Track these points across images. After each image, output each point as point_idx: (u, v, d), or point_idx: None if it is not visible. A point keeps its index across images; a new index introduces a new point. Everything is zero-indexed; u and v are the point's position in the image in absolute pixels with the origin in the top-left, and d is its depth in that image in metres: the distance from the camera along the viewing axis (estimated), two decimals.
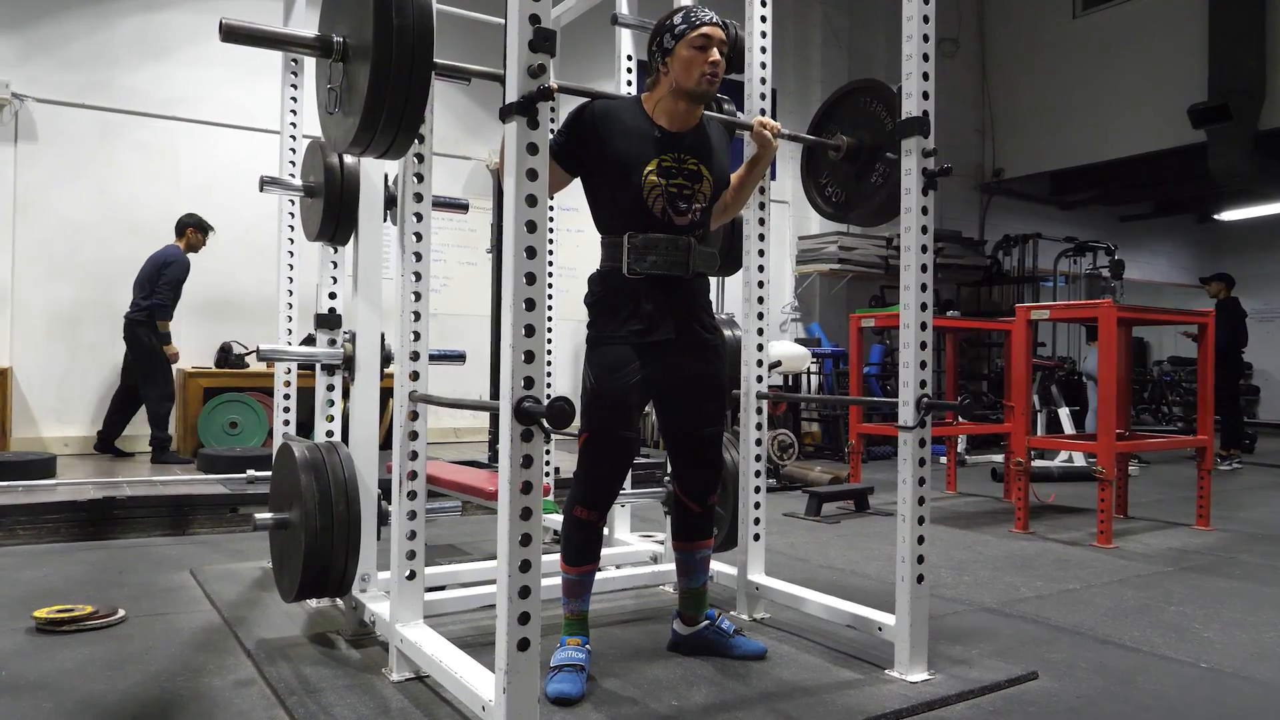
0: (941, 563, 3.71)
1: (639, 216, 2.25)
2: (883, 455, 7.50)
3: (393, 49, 1.71)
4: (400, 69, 1.72)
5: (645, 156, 2.25)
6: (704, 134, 2.36)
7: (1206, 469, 4.66)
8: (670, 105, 2.28)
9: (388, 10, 1.70)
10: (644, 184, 2.23)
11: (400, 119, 1.78)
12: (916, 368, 2.28)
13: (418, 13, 1.73)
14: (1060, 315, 5.21)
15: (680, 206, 2.28)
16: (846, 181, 2.80)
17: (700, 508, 2.41)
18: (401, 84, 1.74)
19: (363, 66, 1.76)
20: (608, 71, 3.55)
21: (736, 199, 2.56)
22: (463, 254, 7.27)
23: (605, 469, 2.24)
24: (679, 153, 2.29)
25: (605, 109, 2.28)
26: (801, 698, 2.14)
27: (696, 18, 2.24)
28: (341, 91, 1.87)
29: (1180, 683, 2.35)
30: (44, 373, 5.87)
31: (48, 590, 3.05)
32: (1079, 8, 10.43)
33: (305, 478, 2.37)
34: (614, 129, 2.24)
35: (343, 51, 1.86)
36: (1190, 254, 14.25)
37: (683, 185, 2.28)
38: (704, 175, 2.32)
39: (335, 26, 1.91)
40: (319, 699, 2.07)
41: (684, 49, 2.22)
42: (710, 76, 2.23)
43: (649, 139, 2.26)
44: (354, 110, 1.80)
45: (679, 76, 2.24)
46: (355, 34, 1.82)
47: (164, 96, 6.23)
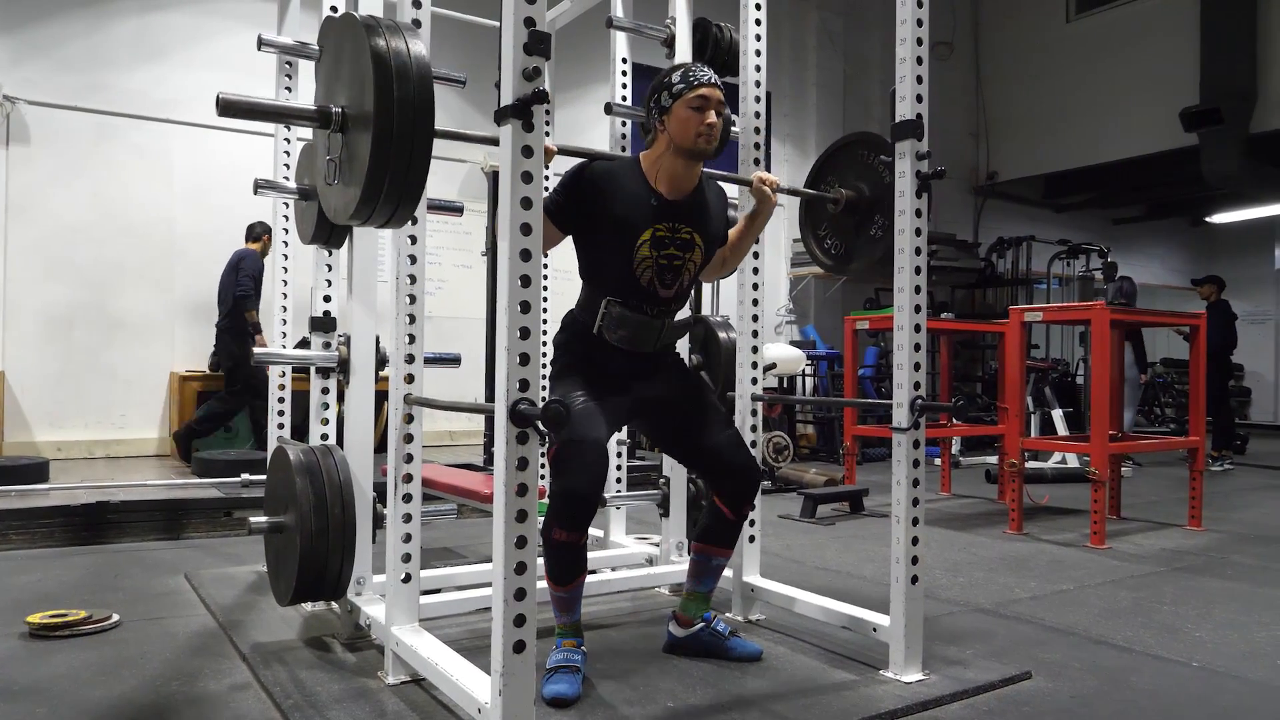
0: (936, 564, 3.72)
1: (624, 285, 2.27)
2: (877, 457, 7.52)
3: (394, 120, 1.66)
4: (402, 140, 1.67)
5: (640, 226, 2.25)
6: (701, 197, 2.36)
7: (1199, 470, 4.68)
8: (669, 165, 2.28)
9: (388, 81, 1.65)
10: (635, 255, 2.25)
11: (402, 191, 1.73)
12: (911, 369, 2.29)
13: (419, 82, 1.68)
14: (1053, 317, 5.24)
15: (667, 279, 2.31)
16: (845, 234, 2.78)
17: (735, 516, 2.39)
18: (403, 156, 1.68)
19: (363, 137, 1.71)
20: (603, 75, 3.55)
21: (734, 254, 2.57)
22: (458, 257, 7.27)
23: (580, 479, 2.10)
24: (674, 221, 2.29)
25: (604, 172, 2.26)
26: (797, 699, 2.15)
27: (694, 77, 2.23)
28: (341, 162, 1.82)
29: (1173, 682, 2.36)
30: (37, 376, 5.85)
31: (41, 595, 3.04)
32: (1072, 12, 10.48)
33: (300, 481, 2.37)
34: (611, 194, 2.24)
35: (342, 122, 1.80)
36: (1183, 256, 14.31)
37: (674, 256, 2.30)
38: (696, 244, 2.33)
39: (334, 95, 1.85)
40: (314, 703, 2.07)
41: (681, 108, 2.22)
42: (707, 137, 2.23)
43: (645, 207, 2.26)
44: (354, 182, 1.75)
45: (676, 136, 2.24)
46: (354, 104, 1.76)
47: (159, 99, 6.22)
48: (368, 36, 1.67)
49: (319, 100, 1.91)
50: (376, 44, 1.66)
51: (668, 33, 3.10)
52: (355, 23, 1.73)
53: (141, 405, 6.18)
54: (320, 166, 1.93)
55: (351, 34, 1.75)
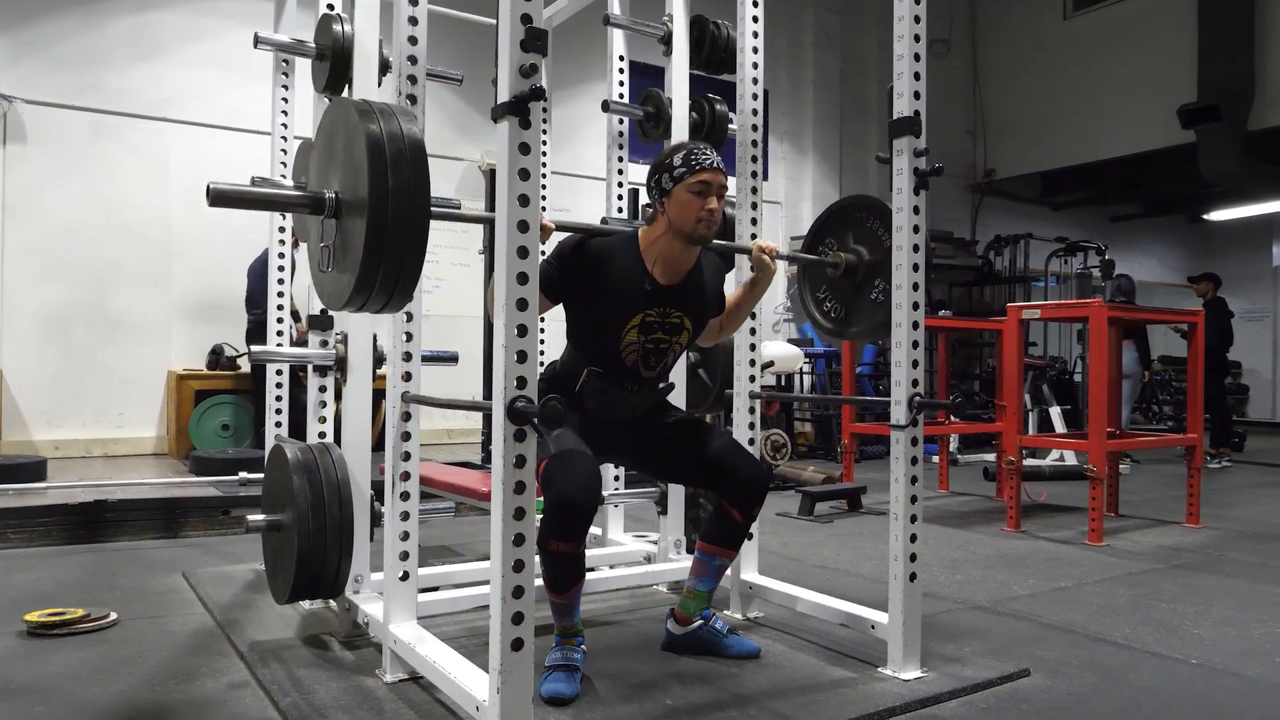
0: (934, 561, 3.72)
1: (608, 362, 2.28)
2: (875, 455, 7.52)
3: (389, 209, 1.62)
4: (397, 229, 1.63)
5: (630, 311, 2.25)
6: (697, 279, 2.35)
7: (1196, 467, 4.68)
8: (667, 247, 2.26)
9: (382, 167, 1.62)
10: (622, 339, 2.26)
11: (397, 279, 1.69)
12: (909, 367, 2.29)
13: (414, 168, 1.65)
14: (1051, 315, 5.23)
15: (651, 361, 2.32)
16: (845, 297, 2.77)
17: (744, 518, 2.38)
18: (398, 245, 1.65)
19: (357, 224, 1.67)
20: (600, 72, 3.55)
21: (731, 321, 2.57)
22: (455, 255, 7.26)
23: (572, 486, 2.05)
24: (666, 306, 2.29)
25: (600, 252, 2.25)
26: (795, 696, 2.15)
27: (696, 161, 2.21)
28: (335, 249, 1.78)
29: (1171, 679, 2.37)
30: (35, 375, 5.85)
31: (39, 594, 3.04)
32: (1070, 9, 10.48)
33: (298, 479, 2.37)
34: (605, 276, 2.23)
35: (335, 208, 1.77)
36: (1180, 254, 14.32)
37: (660, 340, 2.31)
38: (685, 328, 2.35)
39: (328, 180, 1.82)
40: (312, 700, 2.07)
41: (682, 193, 2.20)
42: (708, 222, 2.22)
43: (639, 291, 2.25)
44: (348, 269, 1.71)
45: (676, 219, 2.23)
46: (348, 190, 1.73)
47: (155, 98, 6.21)
48: (361, 121, 1.65)
49: (313, 185, 1.88)
50: (370, 129, 1.64)
51: (665, 30, 3.10)
52: (349, 107, 1.71)
53: (139, 404, 6.17)
54: (314, 252, 1.89)
55: (344, 118, 1.72)
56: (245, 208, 1.85)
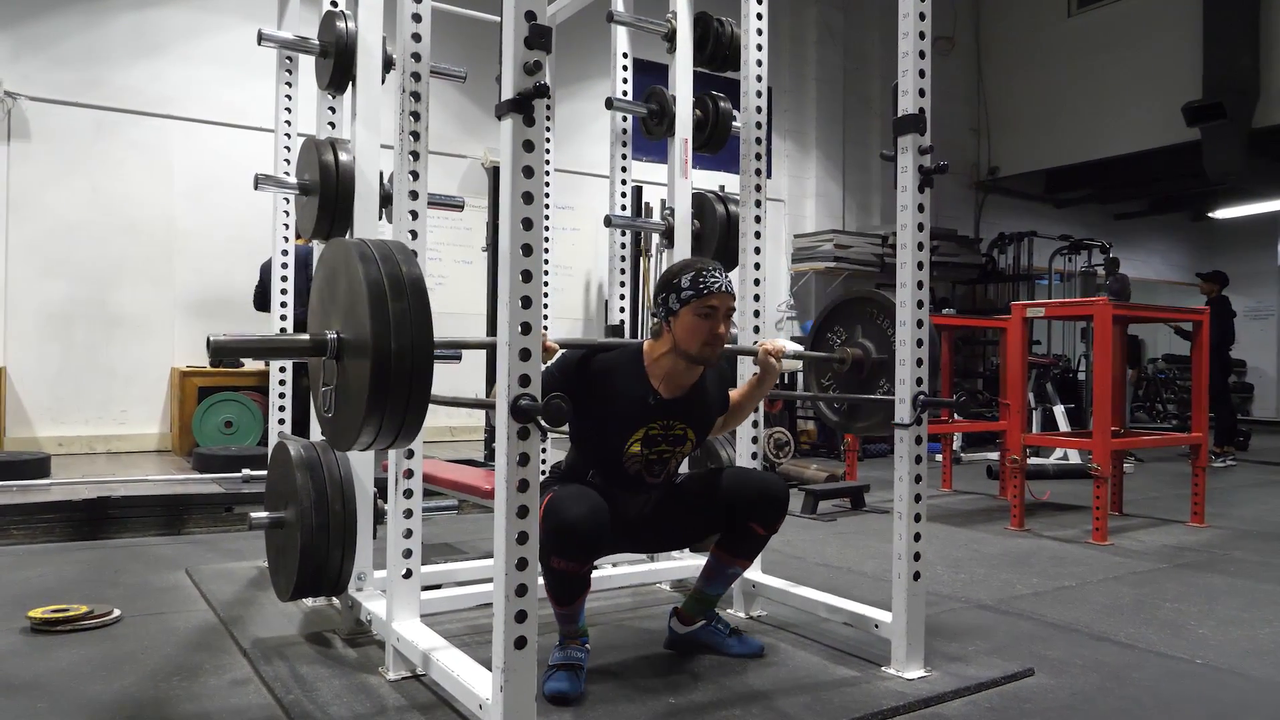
0: (937, 560, 3.72)
1: (611, 471, 2.28)
2: (878, 453, 7.51)
3: (391, 355, 1.61)
4: (400, 373, 1.62)
5: (633, 426, 2.25)
6: (700, 388, 2.35)
7: (1201, 466, 4.67)
8: (671, 364, 2.26)
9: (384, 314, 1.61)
10: (625, 452, 2.26)
11: (403, 421, 1.69)
12: (913, 365, 2.28)
13: (415, 310, 1.64)
14: (1055, 313, 5.23)
15: (655, 470, 2.32)
16: (851, 390, 2.80)
17: (766, 531, 2.37)
18: (402, 388, 1.64)
19: (359, 364, 1.67)
20: (603, 70, 3.54)
21: (734, 417, 2.57)
22: (459, 252, 7.26)
23: (574, 511, 2.03)
24: (669, 419, 2.29)
25: (604, 369, 2.25)
26: (798, 695, 2.14)
27: (704, 284, 2.20)
28: (338, 391, 1.77)
29: (1175, 679, 2.36)
30: (38, 372, 5.85)
31: (42, 590, 3.04)
32: (1074, 6, 10.44)
33: (301, 476, 2.37)
34: (608, 394, 2.23)
35: (337, 350, 1.76)
36: (1184, 252, 14.28)
37: (664, 451, 2.31)
38: (689, 439, 2.35)
39: (329, 321, 1.81)
40: (315, 698, 2.07)
41: (689, 315, 2.20)
42: (713, 346, 2.22)
43: (642, 406, 2.25)
44: (353, 409, 1.70)
45: (681, 340, 2.22)
46: (350, 332, 1.72)
47: (158, 94, 6.21)
48: (362, 265, 1.64)
49: (314, 328, 1.87)
50: (370, 271, 1.63)
51: (668, 27, 3.09)
52: (350, 250, 1.70)
53: (142, 401, 6.17)
54: (318, 394, 1.88)
55: (345, 261, 1.71)
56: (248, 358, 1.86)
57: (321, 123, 2.92)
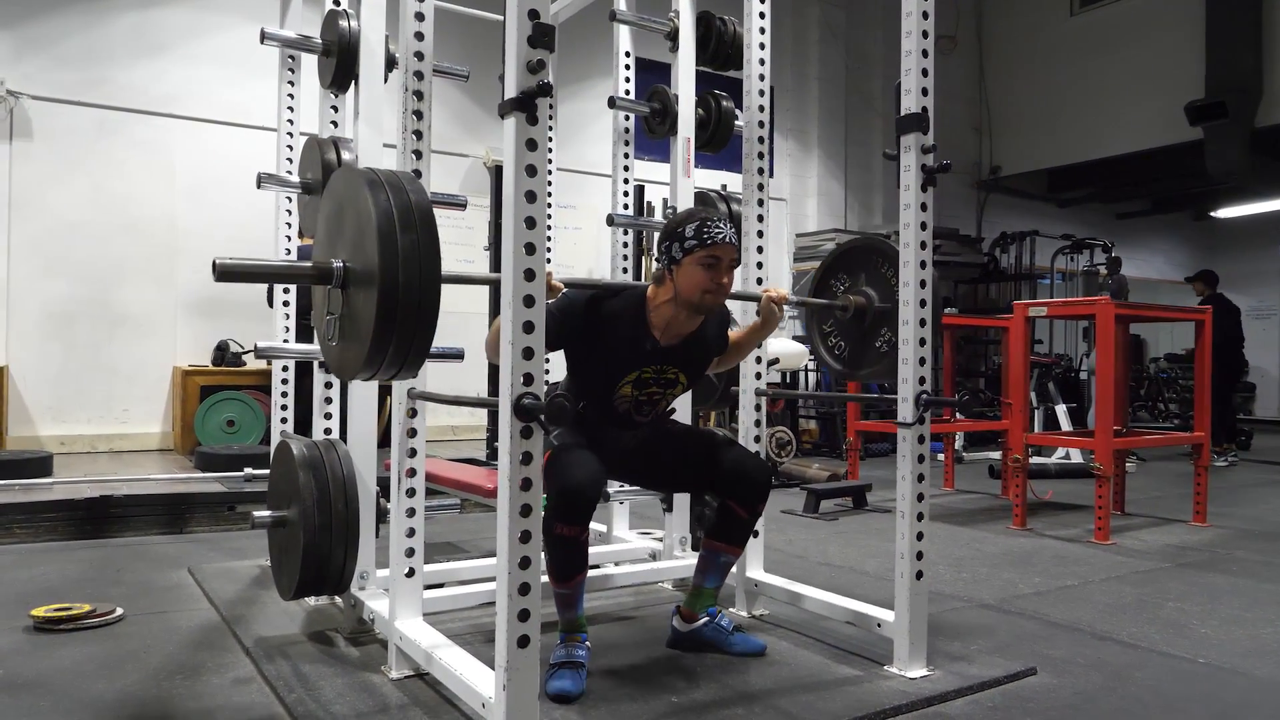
0: (940, 559, 3.71)
1: (602, 407, 2.32)
2: (880, 452, 7.51)
3: (400, 283, 1.59)
4: (409, 302, 1.60)
5: (628, 369, 2.28)
6: (699, 336, 2.37)
7: (1203, 465, 4.67)
8: (671, 312, 2.28)
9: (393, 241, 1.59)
10: (616, 391, 2.30)
11: (409, 351, 1.66)
12: (916, 364, 2.28)
13: (424, 239, 1.62)
14: (1058, 312, 5.23)
15: (644, 410, 2.37)
16: (851, 338, 2.79)
17: (748, 514, 2.41)
18: (410, 317, 1.62)
19: (366, 294, 1.64)
20: (606, 69, 3.54)
21: (730, 358, 2.58)
22: (460, 251, 7.26)
23: (575, 474, 2.11)
24: (663, 364, 2.32)
25: (607, 315, 2.27)
26: (801, 694, 2.14)
27: (708, 234, 2.21)
28: (343, 320, 1.75)
29: (1178, 678, 2.36)
30: (40, 371, 5.86)
31: (45, 589, 3.04)
32: (1076, 5, 10.44)
33: (304, 475, 2.36)
34: (607, 337, 2.25)
35: (343, 279, 1.73)
36: (1186, 251, 14.26)
37: (654, 393, 2.35)
38: (680, 382, 2.38)
39: (335, 250, 1.78)
40: (318, 696, 2.07)
41: (692, 265, 2.21)
42: (715, 294, 2.23)
43: (639, 351, 2.28)
44: (358, 340, 1.68)
45: (683, 289, 2.23)
46: (357, 260, 1.69)
47: (160, 93, 6.21)
48: (370, 193, 1.63)
49: (319, 255, 1.85)
50: (378, 198, 1.62)
51: (671, 26, 3.09)
52: (357, 178, 1.69)
53: (144, 400, 6.18)
54: (320, 322, 1.87)
55: (353, 189, 1.71)
56: (252, 280, 1.83)
57: (324, 122, 2.92)
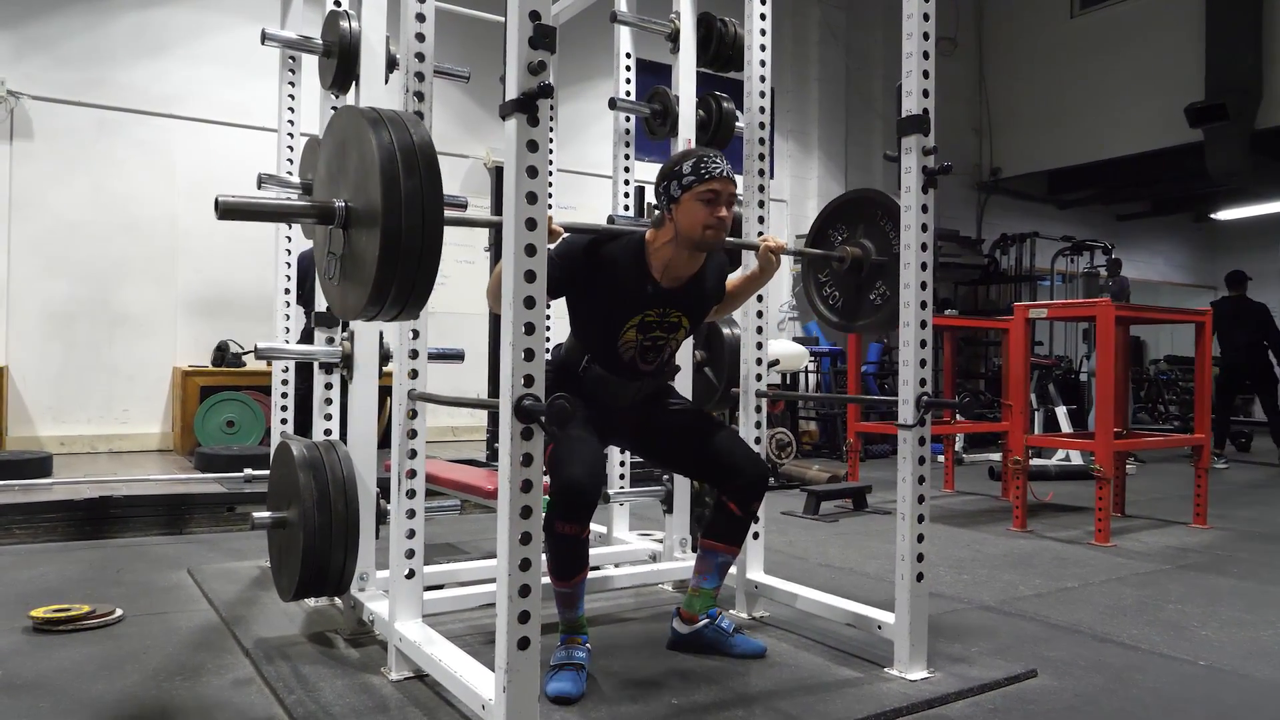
0: (940, 561, 3.71)
1: (606, 357, 2.31)
2: (880, 454, 7.50)
3: (402, 220, 1.57)
4: (411, 240, 1.59)
5: (631, 312, 2.27)
6: (700, 279, 2.36)
7: (1203, 467, 4.66)
8: (672, 253, 2.27)
9: (395, 179, 1.58)
10: (620, 337, 2.29)
11: (411, 290, 1.65)
12: (916, 366, 2.28)
13: (426, 177, 1.61)
14: (1058, 314, 5.22)
15: (649, 358, 2.35)
16: (846, 290, 2.77)
17: (743, 512, 2.40)
18: (412, 255, 1.60)
19: (367, 233, 1.63)
20: (606, 70, 3.54)
21: (727, 306, 2.58)
22: (461, 252, 7.25)
23: (577, 470, 2.10)
24: (665, 307, 2.31)
25: (607, 258, 2.26)
26: (801, 696, 2.14)
27: (706, 170, 2.20)
28: (344, 259, 1.74)
29: (1178, 680, 2.36)
30: (40, 371, 5.86)
31: (44, 589, 3.04)
32: (1076, 7, 10.44)
33: (304, 476, 2.36)
34: (607, 280, 2.25)
35: (345, 218, 1.72)
36: (1187, 253, 14.27)
37: (658, 338, 2.33)
38: (683, 326, 2.37)
39: (336, 190, 1.77)
40: (317, 698, 2.06)
41: (691, 201, 2.20)
42: (716, 230, 2.22)
43: (640, 294, 2.28)
44: (360, 281, 1.67)
45: (684, 227, 2.23)
46: (358, 198, 1.68)
47: (161, 94, 6.21)
48: (372, 130, 1.62)
49: (320, 194, 1.84)
50: (381, 137, 1.61)
51: (672, 27, 3.09)
52: (358, 116, 1.69)
53: (144, 400, 6.18)
54: (321, 260, 1.86)
55: (354, 127, 1.70)
56: (253, 219, 1.83)
57: (324, 122, 2.92)
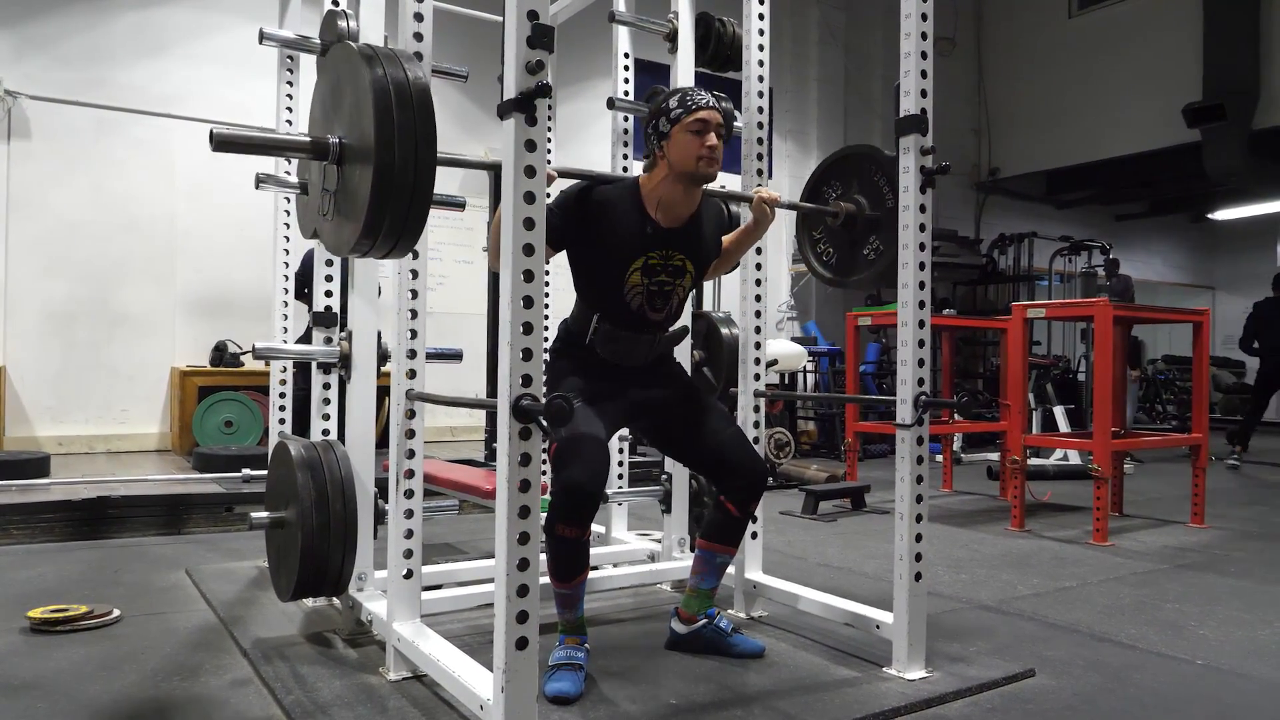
0: (938, 561, 3.71)
1: (614, 308, 2.29)
2: (878, 454, 7.51)
3: (395, 154, 1.61)
4: (403, 174, 1.62)
5: (632, 254, 2.26)
6: (697, 223, 2.36)
7: (1201, 467, 4.67)
8: (668, 191, 2.27)
9: (388, 112, 1.60)
10: (625, 282, 2.26)
11: (403, 226, 1.68)
12: (915, 366, 2.28)
13: (420, 112, 1.63)
14: (1056, 314, 5.22)
15: (657, 304, 2.33)
16: (840, 246, 2.79)
17: (741, 513, 2.39)
18: (404, 190, 1.63)
19: (361, 170, 1.66)
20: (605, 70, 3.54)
21: (724, 262, 2.57)
22: (459, 252, 7.26)
23: (581, 472, 2.10)
24: (668, 249, 2.30)
25: (602, 200, 2.26)
26: (800, 696, 2.14)
27: (693, 101, 2.22)
28: (337, 196, 1.77)
29: (1177, 680, 2.36)
30: (38, 371, 5.85)
31: (42, 590, 3.04)
32: (1075, 7, 10.45)
33: (302, 476, 2.36)
34: (606, 223, 2.24)
35: (339, 154, 1.75)
36: (1185, 253, 14.28)
37: (664, 283, 2.31)
38: (688, 270, 2.35)
39: (330, 127, 1.79)
40: (316, 698, 2.06)
41: (680, 133, 2.21)
42: (708, 160, 2.22)
43: (640, 235, 2.26)
44: (353, 217, 1.70)
45: (676, 161, 2.23)
46: (352, 134, 1.71)
47: (160, 93, 6.21)
48: (366, 66, 1.63)
49: (315, 131, 1.86)
50: (376, 73, 1.62)
51: (670, 27, 3.09)
52: (353, 53, 1.69)
53: (143, 400, 6.17)
54: (314, 196, 1.88)
55: (349, 64, 1.70)
56: (248, 153, 1.87)
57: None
